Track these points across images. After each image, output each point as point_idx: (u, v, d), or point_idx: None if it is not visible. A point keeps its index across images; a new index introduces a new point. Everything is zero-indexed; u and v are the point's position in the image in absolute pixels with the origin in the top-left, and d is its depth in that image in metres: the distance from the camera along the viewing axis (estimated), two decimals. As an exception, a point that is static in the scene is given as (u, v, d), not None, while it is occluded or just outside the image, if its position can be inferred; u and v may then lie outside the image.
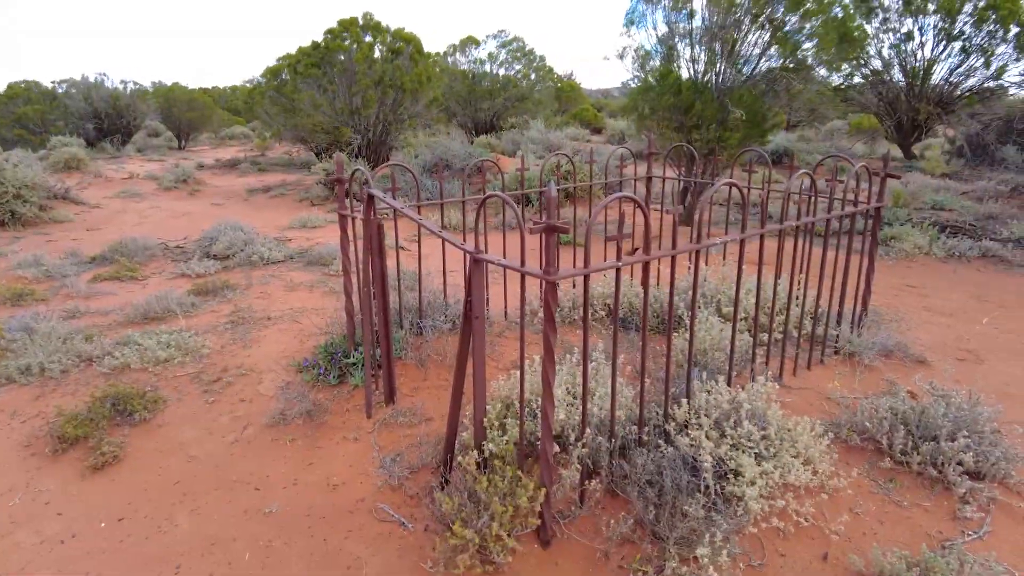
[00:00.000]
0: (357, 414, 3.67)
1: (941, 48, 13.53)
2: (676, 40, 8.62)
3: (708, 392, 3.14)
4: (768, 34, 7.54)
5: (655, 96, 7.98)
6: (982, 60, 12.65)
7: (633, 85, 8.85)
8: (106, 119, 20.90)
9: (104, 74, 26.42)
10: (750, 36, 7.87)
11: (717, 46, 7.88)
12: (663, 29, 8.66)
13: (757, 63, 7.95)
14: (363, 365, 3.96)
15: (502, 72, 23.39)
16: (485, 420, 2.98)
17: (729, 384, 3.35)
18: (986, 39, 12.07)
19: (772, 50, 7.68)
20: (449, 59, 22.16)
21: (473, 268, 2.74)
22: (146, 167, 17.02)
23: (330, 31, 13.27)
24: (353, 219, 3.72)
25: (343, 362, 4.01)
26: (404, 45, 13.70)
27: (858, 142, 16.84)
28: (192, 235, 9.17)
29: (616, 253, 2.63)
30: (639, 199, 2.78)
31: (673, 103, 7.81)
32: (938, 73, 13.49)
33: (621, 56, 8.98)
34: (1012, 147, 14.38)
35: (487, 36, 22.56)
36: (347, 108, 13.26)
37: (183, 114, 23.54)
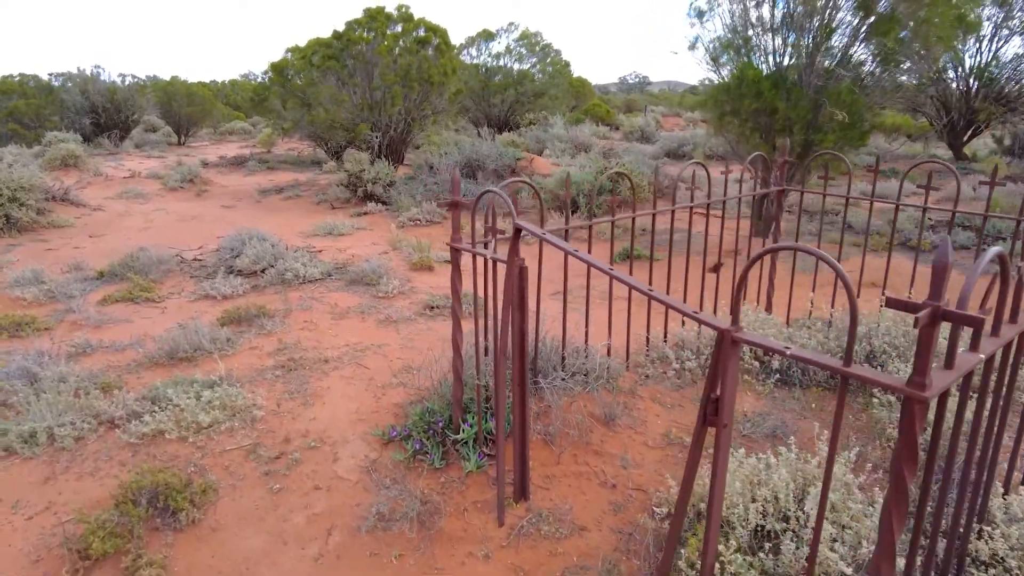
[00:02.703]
0: (479, 515, 2.74)
1: (1003, 42, 12.67)
2: (752, 31, 7.69)
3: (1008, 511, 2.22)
4: (869, 19, 6.62)
5: (734, 98, 7.05)
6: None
7: (711, 81, 7.90)
8: (103, 113, 19.78)
9: (100, 67, 25.23)
10: (845, 21, 6.95)
11: (808, 37, 6.95)
12: (737, 16, 7.73)
13: (850, 55, 7.04)
14: (476, 442, 3.03)
15: (516, 66, 22.41)
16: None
17: (1007, 490, 2.44)
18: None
19: (871, 40, 6.76)
20: (463, 54, 21.14)
21: (729, 352, 1.81)
22: (146, 164, 15.98)
23: (356, 21, 12.26)
24: (478, 257, 2.78)
25: (450, 438, 3.08)
26: (431, 35, 12.71)
27: (902, 143, 15.97)
28: (207, 243, 8.20)
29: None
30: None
31: (756, 107, 6.88)
32: (1002, 69, 12.64)
33: (692, 47, 8.04)
34: (1073, 149, 13.57)
35: (499, 29, 21.52)
36: (367, 103, 12.27)
37: (183, 108, 22.43)
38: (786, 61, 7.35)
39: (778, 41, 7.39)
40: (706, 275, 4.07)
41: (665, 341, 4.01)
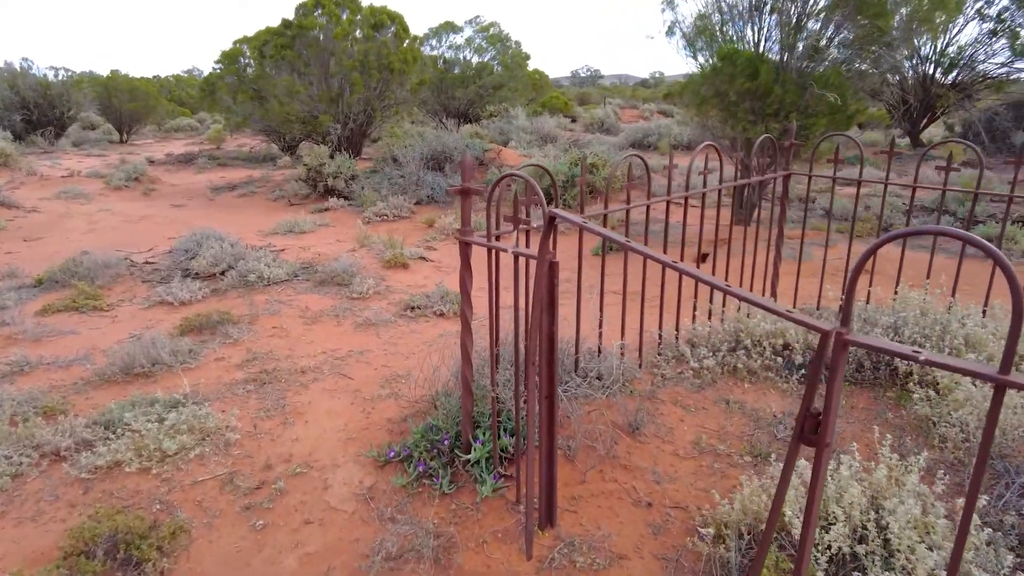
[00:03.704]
0: (501, 548, 2.39)
1: (958, 30, 12.88)
2: (727, 15, 7.49)
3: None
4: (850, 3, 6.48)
5: (725, 80, 6.81)
6: (1007, 42, 12.02)
7: (692, 67, 7.67)
8: (36, 109, 18.50)
9: (28, 60, 23.72)
10: (821, 3, 6.80)
11: (790, 18, 6.77)
12: (711, 2, 7.52)
13: (831, 37, 6.89)
14: (490, 462, 2.68)
15: (476, 59, 21.98)
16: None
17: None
18: (1022, 17, 11.43)
19: (855, 21, 6.62)
20: (424, 46, 20.57)
21: (838, 358, 1.51)
22: (86, 163, 14.99)
23: (302, 5, 11.65)
24: (493, 251, 2.41)
25: (460, 458, 2.71)
26: (385, 19, 12.19)
27: (858, 133, 16.19)
28: (159, 245, 7.59)
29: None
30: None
31: (749, 88, 6.66)
32: (958, 55, 12.85)
33: (668, 32, 7.79)
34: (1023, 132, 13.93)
35: (465, 22, 21.07)
36: (326, 94, 11.68)
37: (124, 105, 21.19)
38: (764, 45, 7.17)
39: (763, 23, 7.19)
40: (696, 265, 3.78)
41: (677, 338, 3.72)
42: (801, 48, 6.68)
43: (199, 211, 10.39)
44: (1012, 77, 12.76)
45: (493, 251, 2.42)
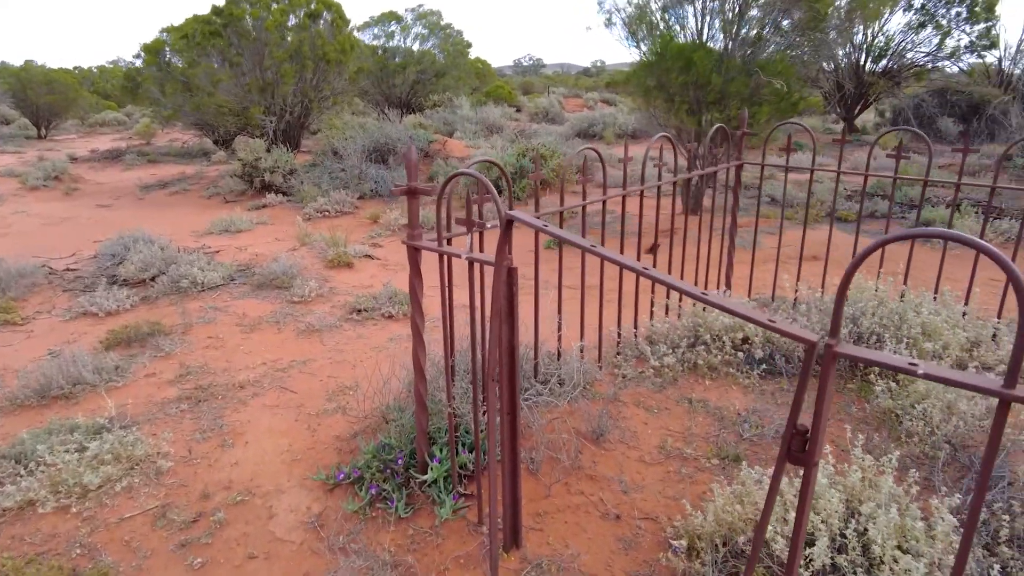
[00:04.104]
0: (464, 574, 2.22)
1: (886, 21, 13.30)
2: (667, 2, 7.44)
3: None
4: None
5: (661, 72, 6.77)
6: (935, 32, 12.48)
7: (635, 56, 7.59)
8: (-61, 104, 17.13)
9: (-68, 49, 21.95)
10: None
11: (735, 5, 6.77)
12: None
13: (772, 24, 6.93)
14: (448, 481, 2.51)
15: (417, 47, 21.52)
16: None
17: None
18: (943, 8, 11.86)
19: (791, 8, 6.66)
20: (359, 33, 19.99)
21: (828, 371, 1.39)
22: (0, 161, 13.96)
23: (232, -8, 11.08)
24: (445, 256, 2.22)
25: (416, 478, 2.53)
26: (322, 8, 11.72)
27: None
28: (82, 250, 7.07)
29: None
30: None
31: (685, 79, 6.63)
32: (887, 44, 13.27)
33: (608, 22, 7.69)
34: (948, 119, 14.54)
35: (407, 11, 20.59)
36: (258, 84, 11.15)
37: (41, 98, 19.86)
38: (706, 32, 7.16)
39: (698, 6, 7.16)
40: (642, 256, 3.70)
41: (636, 336, 3.62)
42: (744, 35, 6.69)
43: (127, 211, 9.78)
44: (935, 66, 13.27)
45: (445, 256, 2.23)
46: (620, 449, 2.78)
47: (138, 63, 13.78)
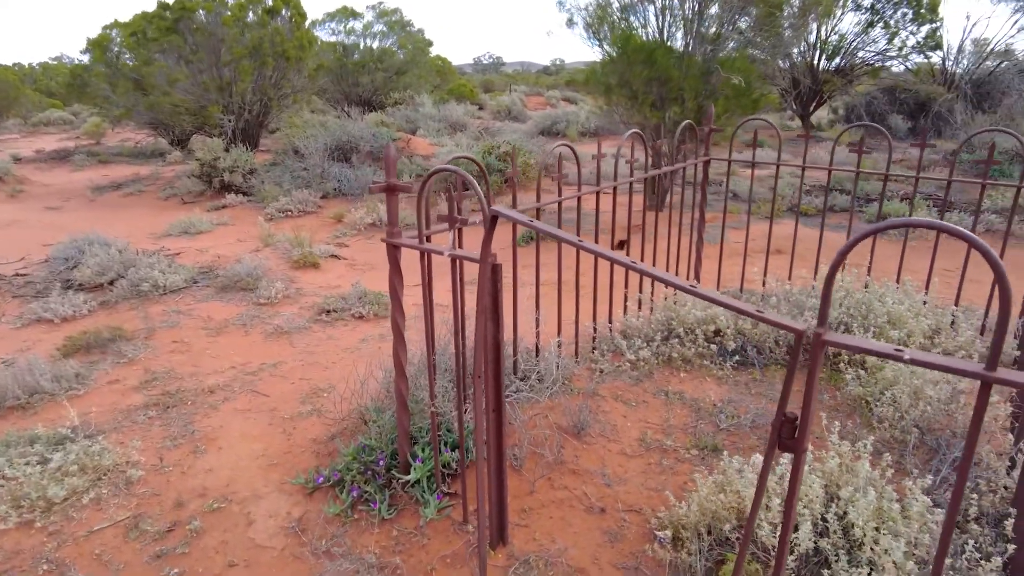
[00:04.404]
0: (451, 574, 2.21)
1: (837, 20, 13.70)
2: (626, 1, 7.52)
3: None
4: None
5: (627, 67, 6.83)
6: (884, 32, 12.90)
7: (596, 55, 7.64)
8: None
9: None
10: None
11: (694, 4, 6.88)
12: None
13: (731, 22, 7.06)
14: (431, 480, 2.49)
15: (377, 45, 21.29)
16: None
17: None
18: (891, 9, 12.27)
19: (749, 6, 6.80)
20: (320, 28, 19.66)
21: (816, 359, 1.43)
22: (-63, 163, 13.29)
23: (185, -14, 10.76)
24: (426, 253, 2.20)
25: (398, 479, 2.50)
26: (281, 5, 11.48)
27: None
28: (32, 254, 6.79)
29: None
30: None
31: (647, 75, 6.71)
32: (840, 43, 13.66)
33: (570, 22, 7.73)
34: (898, 116, 15.07)
35: (367, 7, 20.33)
36: (216, 83, 10.87)
37: (-21, 95, 19.01)
38: (667, 31, 7.25)
39: (658, 4, 7.25)
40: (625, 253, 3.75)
41: (611, 330, 3.65)
42: (704, 33, 6.80)
43: (79, 213, 9.43)
44: (885, 65, 13.72)
45: (426, 254, 2.21)
46: (601, 443, 2.80)
47: (85, 59, 13.29)
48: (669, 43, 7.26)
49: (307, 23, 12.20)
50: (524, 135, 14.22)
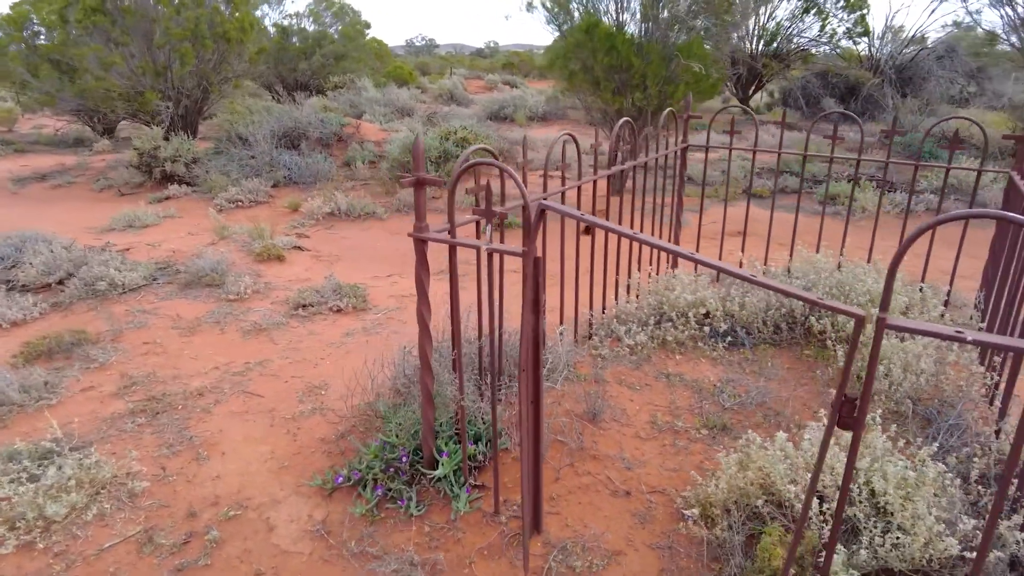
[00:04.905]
0: (491, 566, 2.22)
1: (775, 6, 14.14)
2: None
3: None
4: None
5: (586, 55, 6.87)
6: (816, 18, 13.41)
7: (556, 40, 7.64)
8: None
9: None
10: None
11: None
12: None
13: (689, 8, 7.20)
14: (458, 474, 2.48)
15: (313, 27, 20.60)
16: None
17: None
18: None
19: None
20: (255, 10, 18.80)
21: (877, 341, 1.50)
22: None
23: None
24: (455, 248, 2.16)
25: (426, 475, 2.48)
26: (218, -15, 10.92)
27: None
28: (-40, 255, 6.26)
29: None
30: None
31: (609, 62, 6.77)
32: (777, 28, 14.13)
33: (529, 7, 7.70)
34: (831, 99, 15.76)
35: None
36: (151, 67, 10.27)
37: None
38: (623, 16, 7.32)
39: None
40: (580, 238, 3.78)
41: (605, 316, 3.71)
42: (661, 19, 6.90)
43: (2, 210, 8.76)
44: (818, 50, 14.30)
45: (455, 248, 2.18)
46: (615, 427, 2.85)
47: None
48: (627, 31, 7.34)
49: (247, 4, 11.65)
50: (473, 119, 14.09)
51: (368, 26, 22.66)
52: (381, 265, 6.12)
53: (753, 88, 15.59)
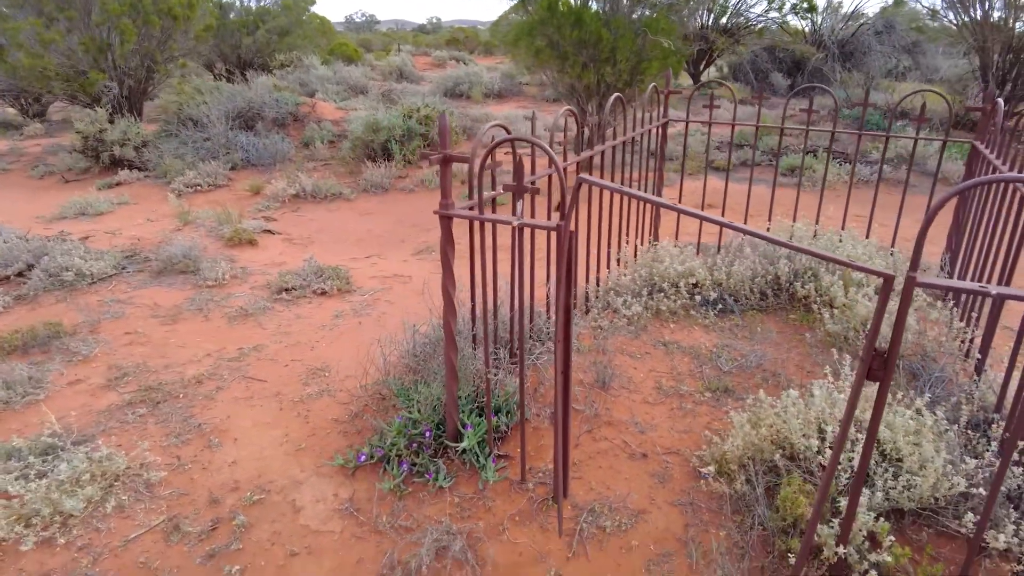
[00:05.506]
0: (524, 531, 2.29)
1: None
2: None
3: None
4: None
5: (552, 30, 6.88)
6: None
7: (518, 17, 7.59)
8: None
9: None
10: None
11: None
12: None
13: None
14: (483, 445, 2.53)
15: (254, 3, 19.82)
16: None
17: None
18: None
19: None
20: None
21: (907, 299, 1.61)
22: None
23: (44, -66, 9.45)
24: (481, 224, 2.19)
25: (449, 447, 2.52)
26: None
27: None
28: (-99, 248, 5.88)
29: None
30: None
31: (576, 36, 6.80)
32: (729, 4, 14.38)
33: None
34: (778, 74, 16.19)
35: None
36: (92, 44, 9.74)
37: None
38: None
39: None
40: (552, 214, 3.87)
41: (599, 287, 3.79)
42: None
43: (-64, 199, 8.22)
44: (765, 25, 14.64)
45: (481, 224, 2.21)
46: (624, 394, 2.95)
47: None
48: (590, 6, 7.36)
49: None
50: (430, 97, 13.90)
51: (312, 2, 21.95)
52: (357, 246, 6.05)
53: (704, 63, 15.85)
